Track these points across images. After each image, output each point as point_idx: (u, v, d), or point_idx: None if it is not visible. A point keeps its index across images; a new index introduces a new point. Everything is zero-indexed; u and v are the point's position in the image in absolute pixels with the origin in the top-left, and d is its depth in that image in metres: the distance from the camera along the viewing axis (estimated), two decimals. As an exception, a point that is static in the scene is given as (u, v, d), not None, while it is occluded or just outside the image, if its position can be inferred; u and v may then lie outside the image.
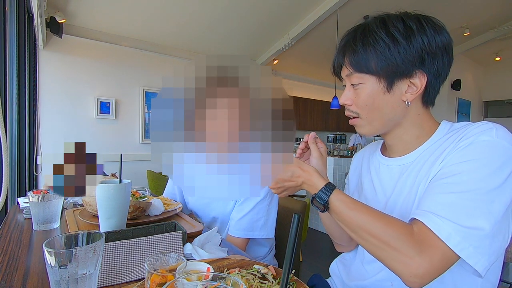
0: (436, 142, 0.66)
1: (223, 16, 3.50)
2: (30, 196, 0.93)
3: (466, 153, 0.55)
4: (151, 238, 0.71)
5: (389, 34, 0.61)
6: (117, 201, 0.83)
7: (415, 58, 0.61)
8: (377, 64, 0.62)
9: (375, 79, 0.64)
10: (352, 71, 0.66)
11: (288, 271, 0.45)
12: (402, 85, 0.63)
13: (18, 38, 2.18)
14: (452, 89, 5.97)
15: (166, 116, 0.52)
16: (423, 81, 0.63)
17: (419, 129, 0.69)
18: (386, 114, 0.66)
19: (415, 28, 0.61)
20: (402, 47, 0.60)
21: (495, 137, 0.55)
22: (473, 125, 0.62)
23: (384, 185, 0.74)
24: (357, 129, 0.73)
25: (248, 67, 0.52)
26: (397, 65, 0.61)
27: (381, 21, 0.64)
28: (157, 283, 0.48)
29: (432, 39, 0.62)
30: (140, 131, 3.80)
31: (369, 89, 0.65)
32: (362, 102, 0.66)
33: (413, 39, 0.61)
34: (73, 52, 3.32)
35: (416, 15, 0.64)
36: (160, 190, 2.97)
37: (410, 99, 0.64)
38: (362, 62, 0.63)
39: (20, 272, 0.65)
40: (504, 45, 5.83)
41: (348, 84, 0.69)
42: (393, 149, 0.74)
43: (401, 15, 0.64)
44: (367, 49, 0.62)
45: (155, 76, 3.90)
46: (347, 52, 0.66)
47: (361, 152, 0.93)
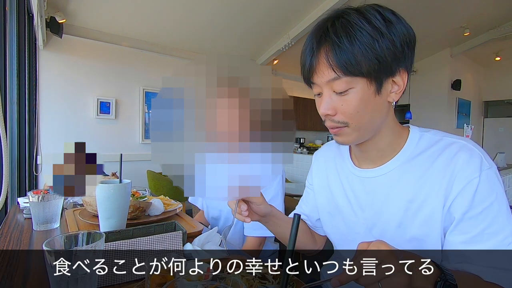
0: (413, 157, 0.63)
1: (223, 16, 3.50)
2: (30, 196, 0.93)
3: (483, 195, 0.56)
4: (151, 238, 0.71)
5: (373, 26, 0.53)
6: (117, 201, 0.83)
7: (399, 52, 0.55)
8: (369, 63, 0.53)
9: (365, 82, 0.55)
10: (341, 74, 0.55)
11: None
12: (387, 85, 0.58)
13: (18, 38, 2.18)
14: (452, 89, 5.96)
15: (166, 116, 0.52)
16: (405, 78, 0.59)
17: (392, 133, 0.65)
18: (376, 118, 0.60)
19: (393, 19, 0.55)
20: (388, 40, 0.54)
21: (487, 168, 0.57)
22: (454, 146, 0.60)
23: (359, 199, 0.70)
24: (338, 138, 0.63)
25: (248, 67, 0.52)
26: (387, 62, 0.54)
27: (358, 12, 0.55)
28: (157, 283, 0.48)
29: (406, 29, 0.56)
30: (140, 131, 3.80)
31: (360, 94, 0.56)
32: (353, 109, 0.57)
33: (394, 30, 0.54)
34: (73, 52, 3.32)
35: (383, 7, 0.57)
36: (160, 190, 2.97)
37: (395, 98, 0.60)
38: (352, 62, 0.53)
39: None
40: (504, 45, 5.82)
41: (329, 91, 0.58)
42: (366, 158, 0.69)
43: (373, 6, 0.57)
44: (354, 45, 0.53)
45: (155, 76, 3.90)
46: (329, 49, 0.55)
47: (322, 153, 0.86)
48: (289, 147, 0.54)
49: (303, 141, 5.93)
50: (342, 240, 0.77)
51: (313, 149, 5.36)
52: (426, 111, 6.10)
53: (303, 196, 0.93)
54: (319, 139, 6.45)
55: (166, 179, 3.01)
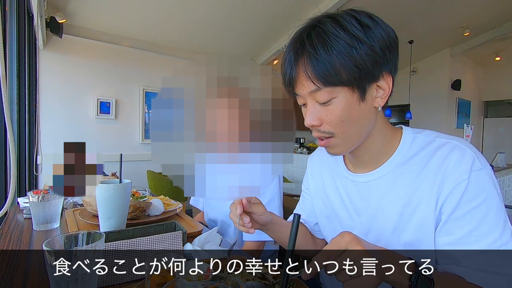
0: (406, 160, 0.63)
1: (223, 16, 3.50)
2: (30, 196, 0.93)
3: (471, 196, 0.55)
4: (151, 238, 0.71)
5: (349, 33, 0.52)
6: (117, 201, 0.83)
7: (380, 57, 0.54)
8: (348, 72, 0.52)
9: (347, 90, 0.54)
10: (321, 86, 0.54)
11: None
12: (371, 90, 0.57)
13: (18, 38, 2.18)
14: (452, 89, 5.96)
15: (166, 116, 0.52)
16: (389, 82, 0.57)
17: (384, 137, 0.65)
18: (363, 126, 0.59)
19: (370, 23, 0.54)
20: (367, 46, 0.52)
21: (478, 169, 0.56)
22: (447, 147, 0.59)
23: (355, 204, 0.70)
24: (329, 150, 0.63)
25: (248, 67, 0.52)
26: (367, 69, 0.53)
27: (334, 20, 0.54)
28: (157, 283, 0.48)
29: (385, 32, 0.55)
30: (140, 131, 3.80)
31: (344, 103, 0.55)
32: (337, 119, 0.56)
33: (372, 35, 0.53)
34: (73, 52, 3.32)
35: (358, 11, 0.56)
36: (160, 190, 2.97)
37: (381, 103, 0.59)
38: (330, 72, 0.52)
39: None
40: (504, 45, 5.82)
41: (312, 102, 0.57)
42: (359, 163, 0.69)
43: (348, 12, 0.55)
44: (331, 55, 0.52)
45: (155, 76, 3.90)
46: (307, 61, 0.54)
47: (316, 157, 0.86)
48: (289, 147, 0.54)
49: (303, 141, 5.93)
50: None
51: (313, 149, 5.36)
52: (426, 111, 6.10)
53: (300, 201, 0.93)
54: (319, 139, 6.44)
55: (166, 179, 3.01)
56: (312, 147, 5.61)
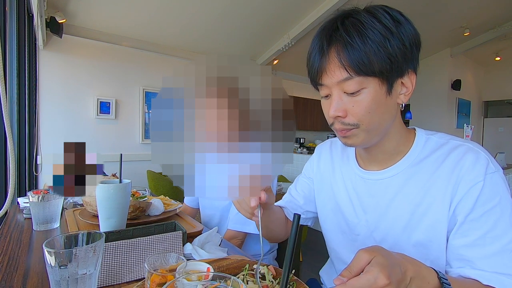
0: (419, 160, 0.64)
1: (223, 16, 3.50)
2: (30, 196, 0.93)
3: (486, 198, 0.55)
4: (151, 238, 0.71)
5: (384, 25, 0.53)
6: (117, 201, 0.83)
7: (409, 52, 0.55)
8: (381, 62, 0.52)
9: (377, 82, 0.54)
10: (353, 74, 0.53)
11: (288, 271, 0.45)
12: (397, 86, 0.57)
13: (18, 38, 2.18)
14: (452, 89, 5.96)
15: (166, 116, 0.52)
16: (413, 80, 0.58)
17: (400, 136, 0.65)
18: (386, 120, 0.59)
19: (401, 19, 0.55)
20: (399, 40, 0.53)
21: (492, 172, 0.56)
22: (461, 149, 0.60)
23: (362, 201, 0.70)
24: (347, 140, 0.62)
25: (248, 67, 0.52)
26: (398, 62, 0.54)
27: (368, 11, 0.55)
28: (157, 283, 0.48)
29: (414, 30, 0.56)
30: (140, 131, 3.79)
31: (372, 94, 0.55)
32: (365, 110, 0.55)
33: (403, 30, 0.54)
34: (73, 52, 3.32)
35: (390, 7, 0.57)
36: (160, 190, 2.97)
37: (405, 100, 0.59)
38: (364, 61, 0.52)
39: (20, 272, 0.65)
40: (504, 45, 5.82)
41: (339, 92, 0.57)
42: (372, 160, 0.69)
43: (381, 7, 0.56)
44: (366, 44, 0.52)
45: (155, 76, 3.90)
46: (341, 49, 0.53)
47: (328, 148, 0.84)
48: (289, 147, 0.54)
49: (303, 141, 5.93)
50: (341, 238, 0.77)
51: (313, 149, 5.35)
52: (426, 111, 6.10)
53: (295, 182, 0.91)
54: (319, 139, 6.44)
55: (166, 179, 3.01)
56: (312, 147, 5.61)
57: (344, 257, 0.77)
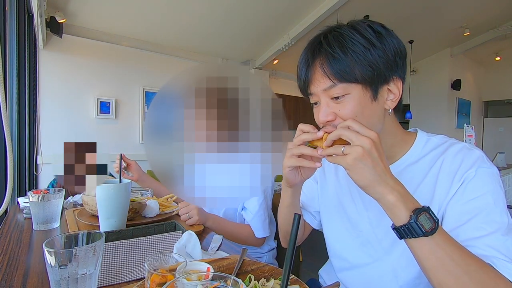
0: (418, 159, 0.67)
1: (223, 16, 3.50)
2: (30, 196, 0.92)
3: (478, 186, 0.58)
4: (151, 238, 0.71)
5: (365, 38, 0.57)
6: (117, 201, 0.83)
7: (392, 62, 0.59)
8: (362, 71, 0.57)
9: (361, 88, 0.58)
10: (336, 82, 0.58)
11: (288, 271, 0.45)
12: (383, 92, 0.61)
13: (18, 38, 2.17)
14: (452, 89, 5.96)
15: (158, 119, 0.53)
16: (400, 86, 0.62)
17: (393, 137, 0.68)
18: (374, 124, 0.62)
19: (383, 32, 0.59)
20: (380, 50, 0.57)
21: (485, 167, 0.59)
22: (456, 146, 0.64)
23: (364, 199, 0.72)
24: None
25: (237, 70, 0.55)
26: (380, 70, 0.58)
27: (350, 26, 0.60)
28: (157, 283, 0.48)
29: (396, 41, 0.60)
30: (140, 131, 3.80)
31: (357, 99, 0.59)
32: (351, 113, 0.59)
33: (385, 42, 0.58)
34: (73, 52, 3.32)
35: (372, 21, 0.61)
36: (160, 190, 2.96)
37: (392, 106, 0.63)
38: (346, 70, 0.57)
39: (20, 272, 0.65)
40: (504, 45, 5.83)
41: (326, 99, 0.61)
42: None
43: (363, 21, 0.60)
44: (347, 55, 0.56)
45: (155, 76, 3.90)
46: (324, 60, 0.59)
47: None
48: (278, 147, 0.56)
49: (303, 141, 5.93)
50: (345, 235, 0.78)
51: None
52: (426, 111, 6.10)
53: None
54: (319, 139, 6.44)
55: (166, 179, 3.01)
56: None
57: (346, 254, 0.78)
